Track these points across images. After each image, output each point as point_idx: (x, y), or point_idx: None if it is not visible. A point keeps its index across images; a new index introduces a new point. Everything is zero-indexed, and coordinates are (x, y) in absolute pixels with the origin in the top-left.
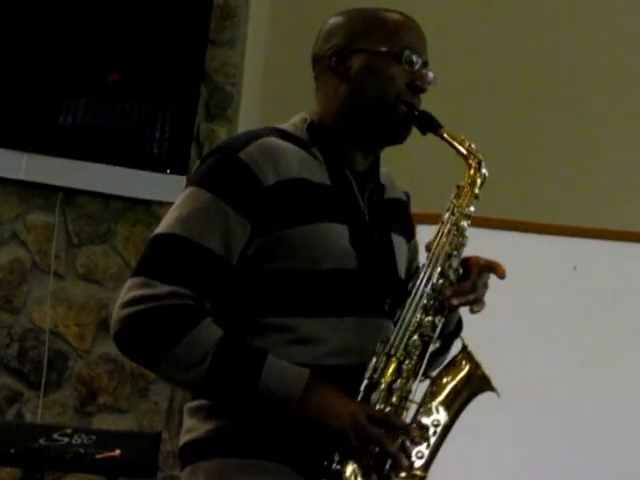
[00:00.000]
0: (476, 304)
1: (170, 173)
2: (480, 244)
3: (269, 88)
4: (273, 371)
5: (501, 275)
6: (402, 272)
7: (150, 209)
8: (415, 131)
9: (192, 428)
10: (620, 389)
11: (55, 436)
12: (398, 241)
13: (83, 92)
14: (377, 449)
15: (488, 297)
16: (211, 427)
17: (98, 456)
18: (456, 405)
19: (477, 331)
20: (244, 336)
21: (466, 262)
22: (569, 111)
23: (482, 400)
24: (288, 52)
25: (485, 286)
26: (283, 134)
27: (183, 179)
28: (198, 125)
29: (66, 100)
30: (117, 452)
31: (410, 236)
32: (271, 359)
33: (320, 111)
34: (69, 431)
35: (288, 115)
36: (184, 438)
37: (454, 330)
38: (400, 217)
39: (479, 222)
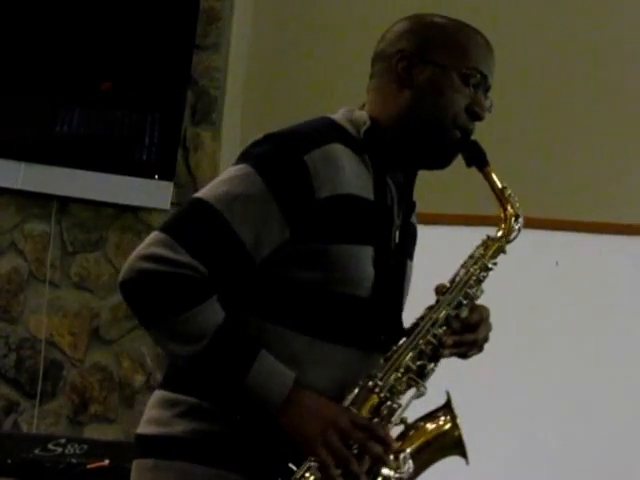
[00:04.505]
0: (468, 356)
1: (158, 179)
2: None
3: (251, 92)
4: (262, 370)
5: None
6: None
7: (138, 216)
8: None
9: (165, 422)
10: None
11: (50, 446)
12: (410, 267)
13: (78, 101)
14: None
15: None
16: (189, 427)
17: (89, 466)
18: (423, 460)
19: None
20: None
21: (478, 313)
22: (564, 104)
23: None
24: (271, 56)
25: (486, 339)
26: (344, 136)
27: (170, 185)
28: (185, 130)
29: (62, 109)
30: (106, 462)
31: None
32: (263, 356)
33: (376, 111)
34: (63, 441)
35: (269, 120)
36: (151, 428)
37: None
38: (414, 245)
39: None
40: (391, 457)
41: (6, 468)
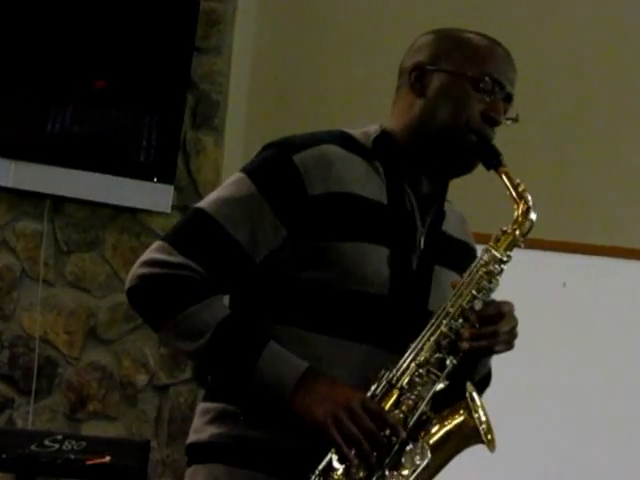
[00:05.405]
0: (494, 350)
1: (157, 182)
2: None
3: (255, 96)
4: (270, 359)
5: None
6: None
7: (137, 217)
8: None
9: (198, 429)
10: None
11: (46, 442)
12: (448, 275)
13: (71, 99)
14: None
15: None
16: (215, 432)
17: (88, 462)
18: (444, 450)
19: None
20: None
21: (495, 306)
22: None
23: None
24: (275, 59)
25: (512, 333)
26: (350, 142)
27: (170, 188)
28: (185, 134)
29: (54, 107)
30: (107, 458)
31: None
32: (272, 346)
33: (392, 123)
34: (60, 437)
35: (274, 124)
36: (190, 438)
37: (481, 380)
38: (462, 260)
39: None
40: (410, 446)
41: (1, 463)
